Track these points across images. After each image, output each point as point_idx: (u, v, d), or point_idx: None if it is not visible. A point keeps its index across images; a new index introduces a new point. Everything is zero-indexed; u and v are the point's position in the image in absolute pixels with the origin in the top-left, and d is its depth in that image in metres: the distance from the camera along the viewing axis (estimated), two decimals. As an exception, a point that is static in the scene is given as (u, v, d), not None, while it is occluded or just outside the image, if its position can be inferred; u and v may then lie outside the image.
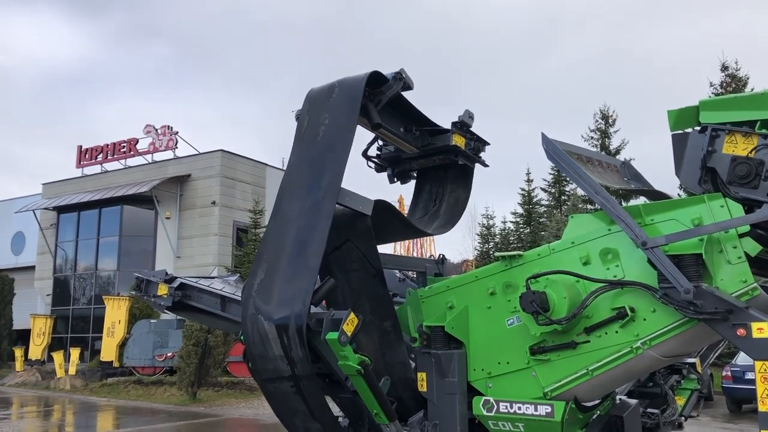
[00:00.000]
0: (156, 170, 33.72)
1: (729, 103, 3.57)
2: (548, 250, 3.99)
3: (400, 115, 4.67)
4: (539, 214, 35.28)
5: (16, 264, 39.80)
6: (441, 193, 5.27)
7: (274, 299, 3.85)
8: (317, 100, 4.29)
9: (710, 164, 3.55)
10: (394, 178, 5.17)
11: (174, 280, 5.74)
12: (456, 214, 5.19)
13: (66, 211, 35.37)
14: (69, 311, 34.56)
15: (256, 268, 4.05)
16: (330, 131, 4.14)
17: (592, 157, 4.40)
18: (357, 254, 4.29)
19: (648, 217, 3.67)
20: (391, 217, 4.63)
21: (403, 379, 4.28)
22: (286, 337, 3.71)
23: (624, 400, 4.50)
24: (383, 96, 4.25)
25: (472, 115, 4.93)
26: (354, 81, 4.16)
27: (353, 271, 4.31)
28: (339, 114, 4.16)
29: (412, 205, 5.35)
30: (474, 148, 5.05)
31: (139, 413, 18.52)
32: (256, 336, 3.85)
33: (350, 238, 4.27)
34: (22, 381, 27.51)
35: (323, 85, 4.35)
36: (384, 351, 4.28)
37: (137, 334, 25.27)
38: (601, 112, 32.59)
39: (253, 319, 3.87)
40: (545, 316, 3.63)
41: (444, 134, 4.83)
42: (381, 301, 4.33)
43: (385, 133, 4.63)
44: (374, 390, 3.83)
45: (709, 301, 3.29)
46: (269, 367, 3.85)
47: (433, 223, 5.14)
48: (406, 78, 4.24)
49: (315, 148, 4.17)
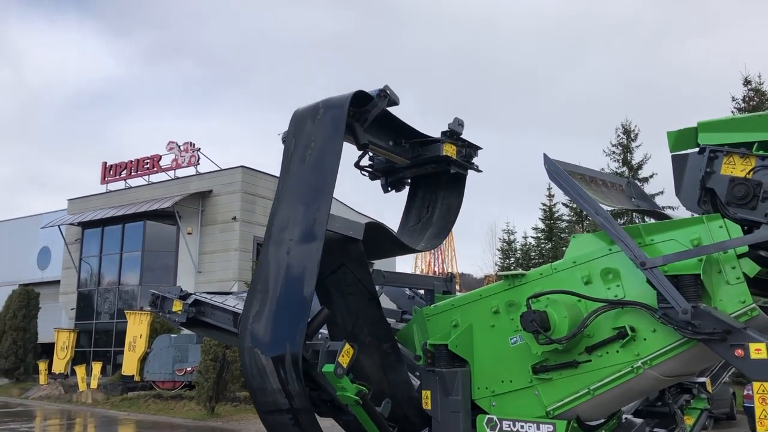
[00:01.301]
0: (178, 186, 34.12)
1: (727, 125, 3.60)
2: (550, 270, 4.03)
3: (389, 129, 4.67)
4: (561, 230, 35.07)
5: (42, 278, 40.40)
6: (434, 200, 5.26)
7: (270, 332, 3.90)
8: (303, 122, 4.29)
9: (709, 185, 3.57)
10: (388, 187, 5.17)
11: (188, 296, 5.84)
12: (449, 222, 5.18)
13: (90, 226, 35.86)
14: (92, 325, 34.94)
15: (251, 300, 4.09)
16: (316, 155, 4.14)
17: (596, 177, 4.44)
18: (352, 278, 4.32)
19: (648, 237, 3.70)
20: (382, 237, 4.66)
21: (407, 398, 4.32)
22: (283, 371, 3.76)
23: (630, 420, 4.49)
24: (369, 114, 4.26)
25: (461, 123, 4.92)
26: (338, 101, 4.16)
27: (350, 295, 4.33)
28: (324, 136, 4.15)
29: (405, 211, 5.34)
30: (466, 155, 5.03)
31: (158, 428, 18.66)
32: (254, 369, 3.91)
33: (344, 263, 4.29)
34: (46, 394, 27.85)
35: (308, 106, 4.34)
36: (386, 371, 4.32)
37: (157, 348, 25.46)
38: (623, 126, 32.39)
39: (250, 352, 3.93)
40: (545, 336, 3.66)
41: (434, 144, 4.83)
42: (378, 323, 4.36)
43: (374, 148, 4.64)
44: (374, 418, 3.89)
45: (708, 322, 3.31)
46: (268, 400, 3.91)
47: (426, 231, 5.13)
48: (390, 94, 4.24)
49: (303, 175, 4.17)
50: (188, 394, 22.77)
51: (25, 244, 42.16)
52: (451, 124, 4.89)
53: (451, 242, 76.59)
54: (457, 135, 4.92)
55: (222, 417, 19.92)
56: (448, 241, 76.28)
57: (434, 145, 4.84)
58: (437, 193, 5.25)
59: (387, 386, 4.27)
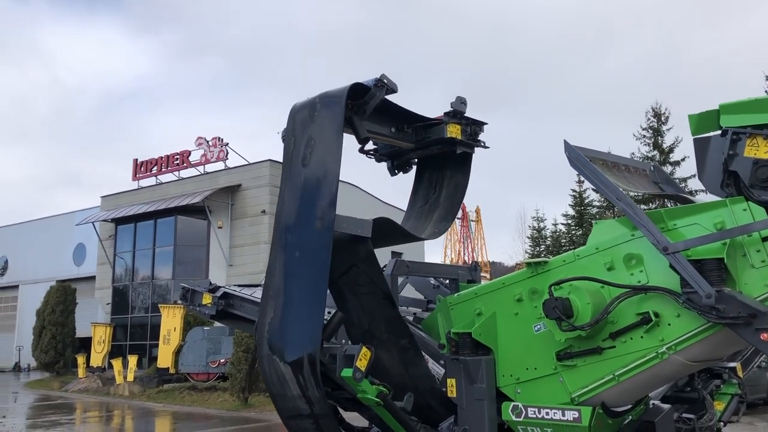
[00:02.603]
0: (208, 181, 34.55)
1: (749, 106, 3.54)
2: (573, 257, 4.02)
3: (389, 116, 4.60)
4: (591, 216, 34.77)
5: (78, 274, 41.34)
6: (441, 180, 5.18)
7: (286, 338, 3.92)
8: (301, 119, 4.24)
9: (732, 168, 3.52)
10: (394, 170, 5.10)
11: (217, 289, 5.95)
12: (455, 203, 5.10)
13: (123, 222, 36.54)
14: (127, 319, 35.68)
15: (265, 307, 4.10)
16: (317, 154, 4.09)
17: (618, 163, 4.40)
18: (365, 278, 4.29)
19: (671, 222, 3.67)
20: (391, 230, 4.61)
21: (429, 390, 4.36)
22: (302, 378, 3.79)
23: (657, 405, 4.46)
24: (367, 106, 4.19)
25: (464, 101, 4.81)
26: (335, 95, 4.10)
27: (363, 294, 4.31)
28: (324, 133, 4.10)
29: (413, 193, 5.27)
30: (471, 132, 4.92)
31: (193, 419, 19.02)
32: (274, 376, 3.95)
33: (355, 263, 4.26)
34: (85, 387, 28.55)
35: (305, 102, 4.28)
36: (406, 366, 4.34)
37: (191, 341, 25.90)
38: (653, 109, 31.94)
39: (269, 359, 3.96)
40: (568, 322, 3.67)
41: (438, 126, 4.75)
42: (394, 321, 4.36)
43: (376, 136, 4.60)
44: (396, 416, 3.93)
45: (732, 306, 3.28)
46: (289, 406, 3.95)
47: (434, 213, 5.06)
48: (388, 83, 4.16)
49: (304, 175, 4.13)
50: (222, 386, 23.15)
51: (61, 241, 43.17)
52: (454, 103, 4.78)
53: (480, 231, 76.30)
54: (461, 114, 4.82)
55: (255, 407, 20.21)
56: (477, 229, 76.03)
57: (438, 127, 4.77)
58: (444, 173, 5.17)
59: (408, 380, 4.30)
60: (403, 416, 3.98)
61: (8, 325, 46.94)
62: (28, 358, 38.60)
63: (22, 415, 21.01)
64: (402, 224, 4.99)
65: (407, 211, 5.20)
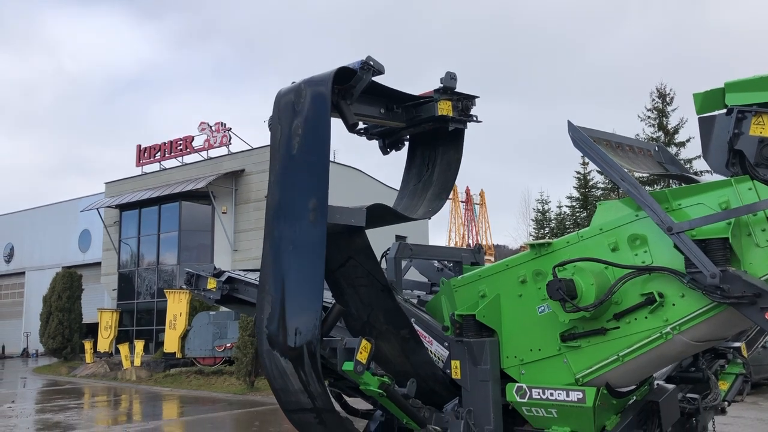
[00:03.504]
0: (211, 166, 34.53)
1: (755, 84, 3.50)
2: (577, 238, 4.01)
3: (378, 98, 4.51)
4: (596, 198, 34.67)
5: (84, 261, 41.49)
6: (433, 157, 5.08)
7: (285, 333, 3.88)
8: (286, 106, 4.12)
9: (737, 147, 3.49)
10: (386, 148, 5.00)
11: (222, 274, 5.97)
12: (449, 180, 5.00)
13: (127, 208, 36.59)
14: (134, 305, 35.84)
15: (261, 302, 4.06)
16: (305, 142, 3.98)
17: (622, 143, 4.37)
18: (362, 270, 4.25)
19: (675, 202, 3.65)
20: (385, 214, 4.57)
21: (431, 375, 4.38)
22: (303, 373, 3.78)
23: (661, 385, 4.47)
24: (354, 90, 4.09)
25: (454, 76, 4.69)
26: (320, 81, 3.99)
27: (361, 287, 4.28)
28: (310, 120, 3.99)
29: (406, 171, 5.17)
30: (463, 107, 4.80)
31: (200, 402, 19.17)
32: (275, 371, 3.94)
33: (352, 256, 4.22)
34: (92, 372, 28.78)
35: (290, 87, 4.16)
36: (407, 355, 4.35)
37: (197, 326, 26.03)
38: (658, 90, 31.74)
39: (269, 355, 3.95)
40: (572, 304, 3.66)
41: (428, 104, 4.65)
42: (394, 313, 4.34)
43: (365, 118, 4.51)
44: (399, 405, 3.95)
45: (737, 285, 3.27)
46: (291, 400, 3.94)
47: (428, 192, 4.95)
48: (374, 64, 4.06)
49: (293, 165, 4.03)
50: (228, 370, 23.30)
51: (66, 227, 43.29)
52: (444, 79, 4.67)
53: (484, 214, 76.23)
54: (451, 90, 4.70)
55: (261, 391, 20.34)
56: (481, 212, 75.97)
57: (428, 105, 4.67)
58: (436, 150, 5.07)
59: (410, 367, 4.32)
60: (406, 404, 4.00)
61: (15, 312, 47.23)
62: (36, 344, 38.87)
63: (30, 400, 21.22)
64: (395, 204, 4.94)
65: (400, 190, 5.12)
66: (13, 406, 18.35)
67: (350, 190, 25.07)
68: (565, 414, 3.92)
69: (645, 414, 4.18)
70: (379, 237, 4.40)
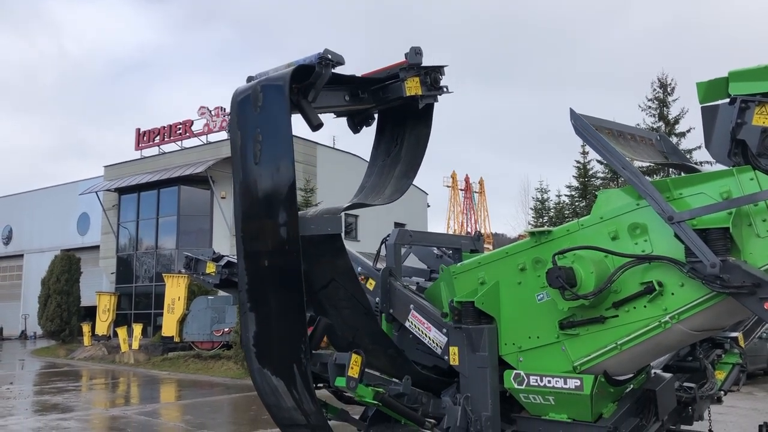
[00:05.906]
0: (211, 151, 34.40)
1: (759, 73, 3.47)
2: (577, 226, 4.00)
3: (341, 87, 4.37)
4: (595, 187, 34.59)
5: (82, 244, 41.46)
6: (402, 133, 4.97)
7: (273, 351, 3.86)
8: (244, 110, 3.96)
9: (740, 136, 3.48)
10: (356, 126, 4.84)
11: (221, 258, 5.97)
12: (417, 156, 4.90)
13: (126, 192, 36.54)
14: (132, 288, 35.88)
15: (245, 321, 3.99)
16: (268, 149, 3.84)
17: (624, 132, 4.35)
18: (344, 293, 4.19)
19: (676, 191, 3.64)
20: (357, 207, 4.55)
21: (424, 377, 4.46)
22: (296, 392, 3.77)
23: (658, 374, 4.49)
24: (314, 87, 3.96)
25: (419, 51, 4.54)
26: (277, 81, 3.84)
27: (344, 309, 4.23)
28: (270, 125, 3.85)
29: (374, 147, 5.05)
30: (432, 80, 4.66)
31: (198, 386, 19.23)
32: (267, 388, 3.92)
33: (334, 278, 4.15)
34: (90, 355, 28.85)
35: (246, 89, 3.98)
36: (396, 368, 4.38)
37: (195, 310, 26.07)
38: (659, 80, 31.57)
39: (260, 373, 3.93)
40: (571, 291, 3.66)
41: (395, 85, 4.54)
42: (377, 336, 4.34)
43: (330, 110, 4.39)
44: (397, 411, 4.00)
45: (736, 275, 3.27)
46: (285, 416, 3.95)
47: (395, 168, 4.85)
48: (333, 57, 3.94)
49: (258, 175, 3.90)
50: (226, 354, 23.36)
51: (65, 210, 43.20)
52: (409, 54, 4.53)
53: (483, 202, 76.24)
54: (418, 65, 4.56)
55: (259, 376, 20.40)
56: (480, 201, 75.93)
57: (395, 85, 4.54)
58: (405, 124, 4.96)
59: (401, 373, 4.33)
60: (404, 409, 4.04)
61: (14, 294, 47.26)
62: (34, 326, 38.93)
63: (29, 382, 21.29)
64: (364, 180, 4.85)
65: (368, 167, 4.99)
66: (12, 388, 18.41)
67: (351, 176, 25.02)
68: (563, 401, 3.93)
69: (642, 402, 4.20)
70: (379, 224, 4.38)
